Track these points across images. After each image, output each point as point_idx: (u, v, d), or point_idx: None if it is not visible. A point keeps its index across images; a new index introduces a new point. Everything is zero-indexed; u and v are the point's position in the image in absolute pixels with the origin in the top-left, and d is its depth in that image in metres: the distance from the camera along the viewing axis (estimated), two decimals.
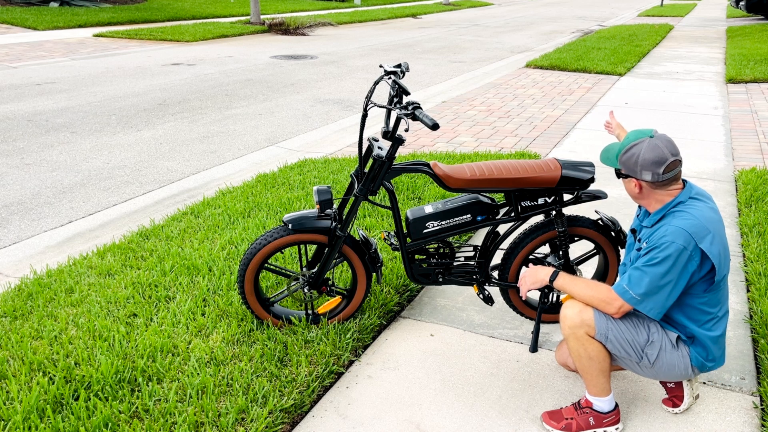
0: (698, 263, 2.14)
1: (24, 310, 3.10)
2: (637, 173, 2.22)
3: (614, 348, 2.29)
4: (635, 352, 2.28)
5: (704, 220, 2.16)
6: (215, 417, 2.38)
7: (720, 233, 2.19)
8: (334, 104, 8.36)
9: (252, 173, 5.40)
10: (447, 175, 2.72)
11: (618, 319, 2.28)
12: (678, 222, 2.15)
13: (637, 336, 2.28)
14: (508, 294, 3.01)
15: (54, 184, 5.27)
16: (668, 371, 2.31)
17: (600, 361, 2.31)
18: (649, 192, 2.25)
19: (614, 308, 2.23)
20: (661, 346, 2.28)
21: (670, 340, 2.29)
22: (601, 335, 2.27)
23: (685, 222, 2.14)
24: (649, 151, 2.18)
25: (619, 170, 2.29)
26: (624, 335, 2.27)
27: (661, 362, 2.29)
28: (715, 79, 10.01)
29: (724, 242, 2.21)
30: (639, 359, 2.30)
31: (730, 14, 24.28)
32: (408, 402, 2.58)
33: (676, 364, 2.29)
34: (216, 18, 18.81)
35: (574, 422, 2.39)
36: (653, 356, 2.28)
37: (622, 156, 2.24)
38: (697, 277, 2.18)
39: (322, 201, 2.76)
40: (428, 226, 2.83)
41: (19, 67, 10.64)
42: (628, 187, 2.31)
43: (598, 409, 2.39)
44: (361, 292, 2.98)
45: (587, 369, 2.33)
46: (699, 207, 2.20)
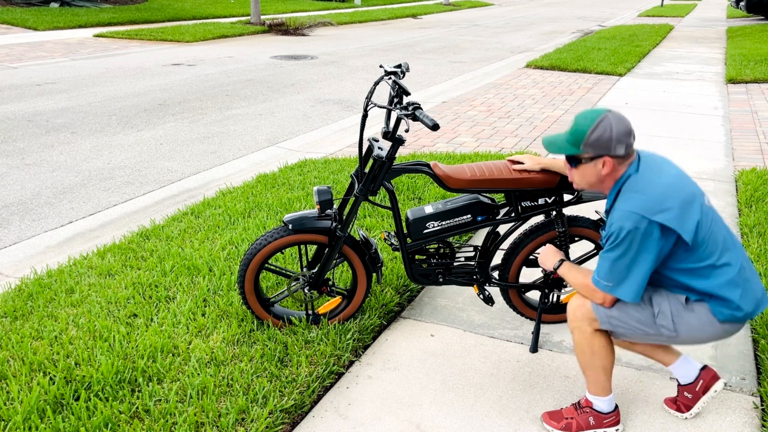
0: (659, 236, 2.07)
1: (24, 311, 3.11)
2: (611, 149, 2.11)
3: (627, 332, 2.25)
4: (651, 328, 2.22)
5: (654, 192, 2.08)
6: (215, 417, 2.38)
7: (680, 196, 2.09)
8: (335, 104, 8.36)
9: (252, 173, 5.41)
10: (447, 175, 2.72)
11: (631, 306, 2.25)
12: (624, 206, 2.09)
13: (642, 312, 2.23)
14: (508, 294, 3.01)
15: (54, 184, 5.27)
16: (699, 333, 2.21)
17: (602, 357, 2.29)
18: (613, 170, 2.16)
19: (599, 299, 2.22)
20: (672, 312, 2.21)
21: (681, 302, 2.22)
22: (605, 324, 2.25)
23: (631, 203, 2.08)
24: (618, 124, 2.10)
25: (577, 156, 2.17)
26: (629, 317, 2.23)
27: (683, 327, 2.21)
28: (716, 79, 10.01)
29: (690, 201, 2.10)
30: (659, 333, 2.23)
31: (731, 14, 24.28)
32: (408, 402, 2.58)
33: (699, 325, 2.20)
34: (216, 18, 18.81)
35: (574, 422, 2.39)
36: (670, 324, 2.21)
37: (590, 136, 2.11)
38: (667, 247, 2.12)
39: (323, 201, 2.76)
40: (428, 227, 2.84)
41: (19, 67, 10.65)
42: (590, 173, 2.18)
43: (598, 409, 2.38)
44: (361, 293, 2.98)
45: (589, 365, 2.32)
46: (647, 178, 2.12)
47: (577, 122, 2.16)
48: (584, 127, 2.13)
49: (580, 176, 2.23)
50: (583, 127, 2.13)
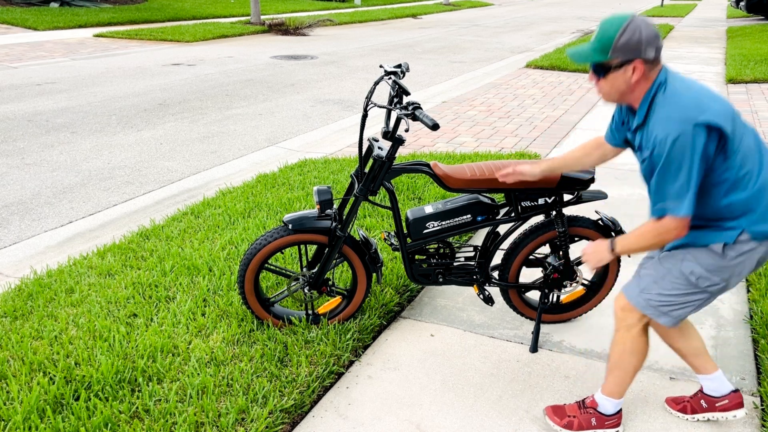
0: (705, 138, 1.93)
1: (24, 310, 3.10)
2: (641, 52, 1.97)
3: (678, 309, 2.15)
4: (693, 288, 2.13)
5: (692, 95, 1.97)
6: (215, 417, 2.38)
7: (716, 99, 1.98)
8: (335, 104, 8.36)
9: (252, 173, 5.41)
10: (447, 175, 2.72)
11: (643, 278, 2.20)
12: (664, 114, 1.96)
13: (673, 279, 2.14)
14: (508, 294, 3.01)
15: (54, 184, 5.27)
16: (735, 270, 2.10)
17: (639, 359, 2.25)
18: (643, 77, 2.03)
19: (674, 227, 2.01)
20: (700, 264, 2.11)
21: (706, 248, 2.10)
22: (645, 306, 2.17)
23: (670, 109, 1.96)
24: (646, 27, 1.98)
25: (605, 63, 2.03)
26: (664, 288, 2.15)
27: (720, 273, 2.10)
28: (716, 79, 10.01)
29: (724, 102, 1.99)
30: (701, 289, 2.13)
31: (731, 14, 24.28)
32: (408, 402, 2.58)
33: (732, 264, 2.09)
34: (216, 18, 18.81)
35: (576, 420, 2.38)
36: (706, 276, 2.10)
37: (619, 40, 1.97)
38: (712, 148, 1.96)
39: (322, 201, 2.76)
40: (428, 227, 2.84)
41: (19, 67, 10.65)
42: (620, 81, 2.04)
43: (602, 411, 2.37)
44: (361, 293, 2.98)
45: (623, 365, 2.26)
46: (682, 85, 2.00)
47: (603, 28, 2.02)
48: (611, 32, 2.00)
49: (609, 86, 2.07)
50: (610, 32, 2.00)
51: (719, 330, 3.07)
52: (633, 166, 5.55)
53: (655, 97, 2.02)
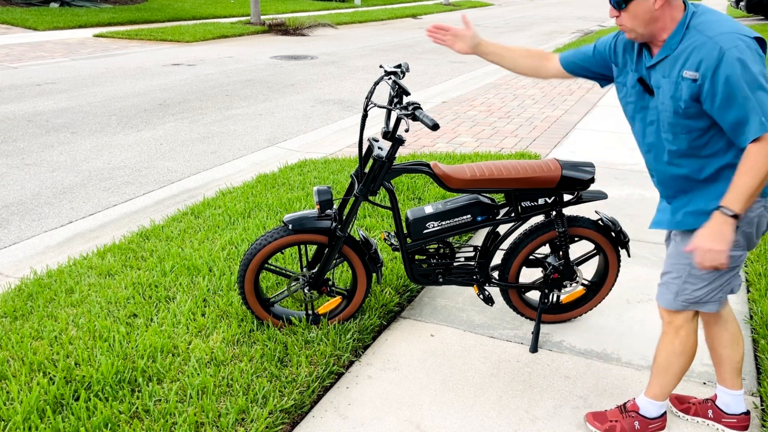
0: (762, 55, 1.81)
1: (24, 311, 3.10)
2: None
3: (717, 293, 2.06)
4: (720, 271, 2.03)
5: (731, 21, 1.85)
6: (215, 417, 2.38)
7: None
8: (335, 104, 8.36)
9: (252, 173, 5.41)
10: (447, 175, 2.72)
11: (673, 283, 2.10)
12: (715, 30, 1.81)
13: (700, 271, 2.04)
14: (508, 294, 3.01)
15: (54, 184, 5.27)
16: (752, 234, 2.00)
17: (688, 359, 2.18)
18: (666, 5, 1.88)
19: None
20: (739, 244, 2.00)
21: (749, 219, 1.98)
22: (688, 306, 2.09)
23: (716, 27, 1.81)
24: None
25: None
26: (697, 285, 2.05)
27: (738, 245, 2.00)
28: None
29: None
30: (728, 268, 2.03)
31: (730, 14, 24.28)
32: (408, 402, 2.58)
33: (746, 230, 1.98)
34: (216, 18, 18.81)
35: (618, 425, 2.32)
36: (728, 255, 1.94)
37: None
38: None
39: (322, 201, 2.76)
40: (428, 227, 2.84)
41: (19, 67, 10.65)
42: (642, 10, 1.89)
43: (644, 414, 2.32)
44: (361, 293, 2.98)
45: (670, 367, 2.20)
46: (715, 14, 1.88)
47: None
48: None
49: (631, 18, 1.92)
50: None
51: None
52: (633, 167, 5.55)
53: (689, 25, 1.88)
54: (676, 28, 1.90)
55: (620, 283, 3.50)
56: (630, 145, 6.23)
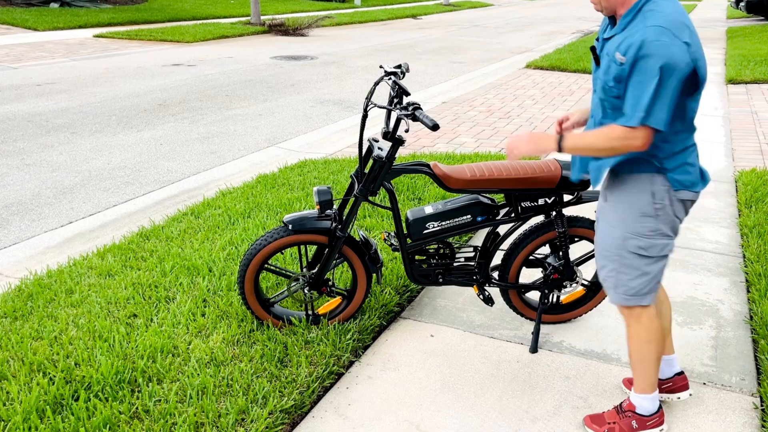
0: (688, 59, 1.91)
1: (24, 311, 3.10)
2: None
3: (651, 284, 2.18)
4: (650, 261, 2.15)
5: (678, 16, 1.93)
6: (215, 417, 2.38)
7: (694, 31, 1.96)
8: (335, 105, 8.36)
9: (252, 174, 5.41)
10: (447, 175, 2.72)
11: (609, 278, 2.22)
12: (651, 21, 1.91)
13: (630, 263, 2.17)
14: (508, 295, 3.01)
15: (54, 184, 5.27)
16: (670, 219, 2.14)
17: (658, 345, 2.24)
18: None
19: (638, 138, 1.94)
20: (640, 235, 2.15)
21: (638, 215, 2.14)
22: (628, 299, 2.19)
23: (660, 19, 1.90)
24: None
25: None
26: (631, 276, 2.18)
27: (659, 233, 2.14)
28: (715, 79, 10.01)
29: (699, 42, 1.97)
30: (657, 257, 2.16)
31: (730, 15, 24.29)
32: (408, 402, 2.58)
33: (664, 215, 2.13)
34: (216, 19, 18.81)
35: (617, 426, 2.34)
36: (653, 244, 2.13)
37: None
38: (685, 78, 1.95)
39: (322, 201, 2.76)
40: (428, 227, 2.84)
41: (19, 67, 10.65)
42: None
43: (641, 412, 2.34)
44: (361, 293, 2.98)
45: (644, 356, 2.26)
46: (670, 4, 1.96)
47: None
48: None
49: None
50: None
51: (719, 330, 3.07)
52: None
53: (643, 7, 1.98)
54: (631, 7, 2.00)
55: None
56: None
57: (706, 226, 4.29)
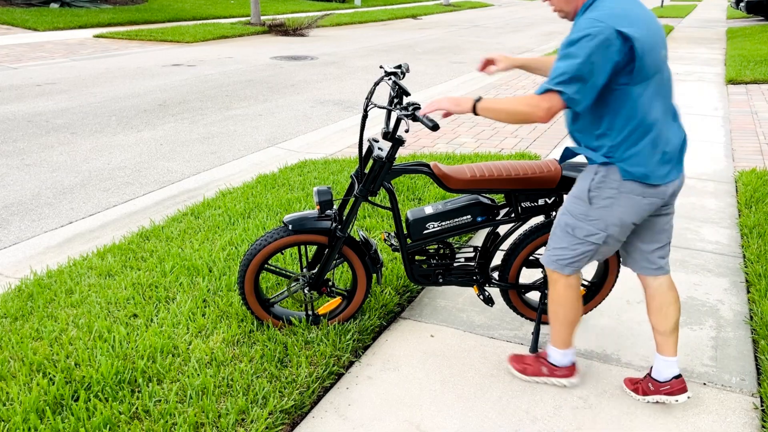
0: (620, 47, 2.02)
1: (24, 311, 3.10)
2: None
3: (570, 260, 2.40)
4: (574, 239, 2.37)
5: (618, 10, 2.05)
6: (215, 418, 2.38)
7: (643, 20, 2.07)
8: (335, 105, 8.36)
9: (252, 174, 5.41)
10: (447, 175, 2.72)
11: (549, 240, 2.47)
12: (590, 15, 2.06)
13: (560, 233, 2.41)
14: (508, 295, 3.01)
15: (54, 184, 5.27)
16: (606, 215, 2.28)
17: (569, 310, 2.50)
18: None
19: (543, 108, 2.07)
20: (571, 214, 2.36)
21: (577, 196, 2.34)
22: (549, 263, 2.45)
23: (598, 13, 2.05)
24: None
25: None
26: (557, 244, 2.42)
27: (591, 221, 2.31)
28: (715, 80, 10.01)
29: (652, 30, 2.08)
30: (580, 240, 2.35)
31: (731, 15, 24.29)
32: (408, 403, 2.58)
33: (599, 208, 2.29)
34: (216, 19, 18.82)
35: (530, 368, 2.67)
36: (579, 226, 2.34)
37: None
38: (621, 63, 2.05)
39: (322, 202, 2.76)
40: (428, 227, 2.84)
41: (19, 67, 10.65)
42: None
43: (551, 361, 2.62)
44: (361, 293, 2.98)
45: (556, 316, 2.53)
46: (619, 2, 2.09)
47: None
48: None
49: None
50: None
51: (719, 331, 3.07)
52: None
53: (593, 4, 2.13)
54: (582, 7, 2.17)
55: (620, 283, 3.50)
56: None
57: (706, 227, 4.29)
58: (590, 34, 2.01)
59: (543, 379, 2.65)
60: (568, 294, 2.49)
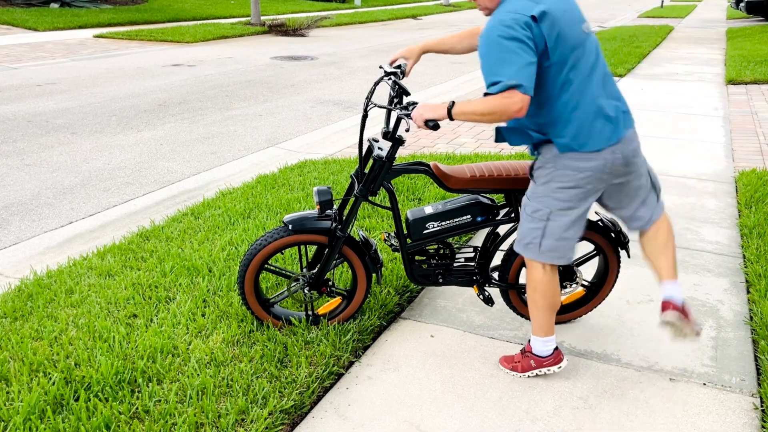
0: (538, 32, 2.19)
1: (24, 311, 3.10)
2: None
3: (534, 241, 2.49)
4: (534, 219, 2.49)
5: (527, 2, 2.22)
6: (215, 418, 2.38)
7: (555, 5, 2.23)
8: (335, 105, 8.36)
9: (252, 174, 5.41)
10: (447, 175, 2.72)
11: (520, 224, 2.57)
12: (502, 8, 2.25)
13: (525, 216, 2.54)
14: (508, 295, 3.01)
15: (54, 184, 5.27)
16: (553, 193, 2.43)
17: (549, 296, 2.57)
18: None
19: (516, 102, 2.17)
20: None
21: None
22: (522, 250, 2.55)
23: (510, 5, 2.23)
24: None
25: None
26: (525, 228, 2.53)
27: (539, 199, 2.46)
28: (715, 80, 10.01)
29: (565, 7, 2.26)
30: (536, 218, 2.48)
31: (731, 15, 24.29)
32: (408, 403, 2.58)
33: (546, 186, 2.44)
34: (216, 19, 18.82)
35: (520, 365, 2.72)
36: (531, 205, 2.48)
37: None
38: (542, 46, 2.21)
39: (322, 201, 2.76)
40: (428, 227, 2.84)
41: (19, 67, 10.65)
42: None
43: (536, 353, 2.68)
44: (361, 293, 2.98)
45: (534, 303, 2.60)
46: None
47: None
48: None
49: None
50: None
51: (719, 331, 3.07)
52: None
53: (501, 4, 2.30)
54: (501, 3, 2.32)
55: (620, 283, 3.50)
56: None
57: (706, 227, 4.30)
58: (510, 26, 2.17)
59: (534, 372, 2.70)
60: (543, 279, 2.56)
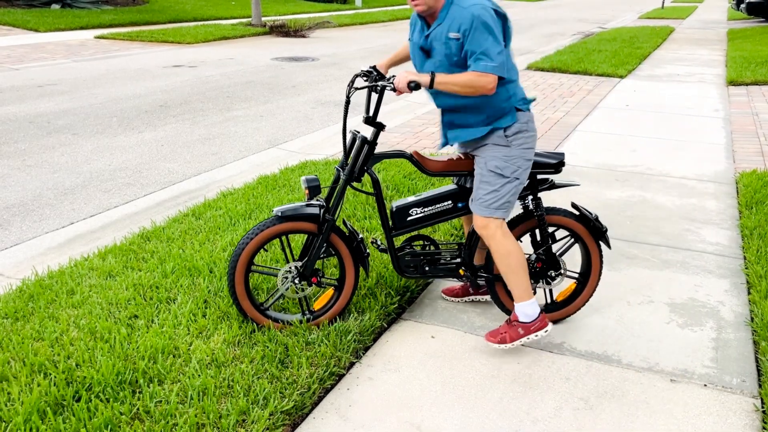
0: (500, 22, 2.56)
1: (25, 312, 3.11)
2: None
3: (500, 200, 2.70)
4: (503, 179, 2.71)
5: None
6: (216, 418, 2.38)
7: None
8: (335, 106, 8.37)
9: (253, 175, 5.41)
10: (426, 159, 2.87)
11: (474, 194, 2.76)
12: (465, 4, 2.53)
13: (488, 179, 2.73)
14: (494, 287, 3.01)
15: (55, 185, 5.28)
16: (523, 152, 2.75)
17: (518, 255, 2.73)
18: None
19: (491, 81, 2.53)
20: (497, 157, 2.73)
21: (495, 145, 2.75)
22: (482, 210, 2.71)
23: (469, 3, 2.53)
24: None
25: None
26: (485, 190, 2.72)
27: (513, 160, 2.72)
28: (716, 81, 10.01)
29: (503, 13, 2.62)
30: (510, 177, 2.71)
31: (731, 16, 24.29)
32: (409, 404, 2.58)
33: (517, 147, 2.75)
34: (217, 20, 18.83)
35: (508, 335, 2.81)
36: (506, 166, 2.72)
37: None
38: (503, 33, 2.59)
39: (311, 187, 2.87)
40: (411, 213, 2.93)
41: (20, 68, 10.66)
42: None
43: (523, 320, 2.80)
44: (350, 282, 3.01)
45: (507, 268, 2.74)
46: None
47: None
48: None
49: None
50: None
51: (720, 332, 3.07)
52: (633, 168, 5.56)
53: (451, 5, 2.57)
54: (445, 3, 2.59)
55: (621, 284, 3.51)
56: (631, 147, 6.24)
57: (707, 228, 4.30)
58: (484, 17, 2.49)
59: (522, 340, 2.80)
60: (508, 241, 2.72)
